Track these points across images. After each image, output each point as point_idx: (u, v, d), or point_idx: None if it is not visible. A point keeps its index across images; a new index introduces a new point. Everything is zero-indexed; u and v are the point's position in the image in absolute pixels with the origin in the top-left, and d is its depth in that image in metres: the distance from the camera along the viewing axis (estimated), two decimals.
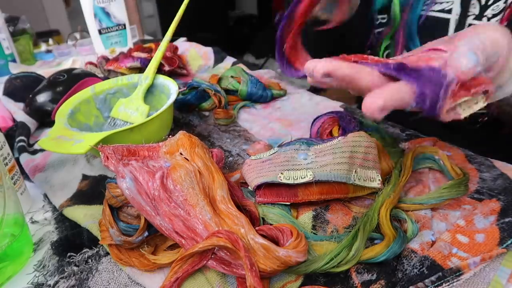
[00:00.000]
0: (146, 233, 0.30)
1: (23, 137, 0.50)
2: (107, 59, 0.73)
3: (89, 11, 0.84)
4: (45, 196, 0.41)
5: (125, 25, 0.90)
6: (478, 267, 0.26)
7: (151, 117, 0.41)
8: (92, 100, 0.50)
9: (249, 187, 0.35)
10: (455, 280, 0.25)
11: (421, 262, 0.27)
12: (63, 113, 0.45)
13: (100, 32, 0.87)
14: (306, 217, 0.33)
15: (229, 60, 0.79)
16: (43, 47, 1.11)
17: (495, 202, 0.32)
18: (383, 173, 0.34)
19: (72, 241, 0.34)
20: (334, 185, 0.33)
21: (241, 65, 0.69)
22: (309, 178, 0.32)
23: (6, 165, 0.37)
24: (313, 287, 0.27)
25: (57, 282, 0.30)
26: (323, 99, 0.59)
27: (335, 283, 0.28)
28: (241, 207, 0.33)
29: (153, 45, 0.73)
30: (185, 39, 0.96)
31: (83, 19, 0.85)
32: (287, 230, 0.28)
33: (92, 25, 0.85)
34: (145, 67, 0.64)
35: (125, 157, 0.32)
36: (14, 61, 0.87)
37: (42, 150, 0.49)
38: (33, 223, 0.38)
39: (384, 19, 0.54)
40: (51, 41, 1.15)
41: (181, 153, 0.33)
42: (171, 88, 0.49)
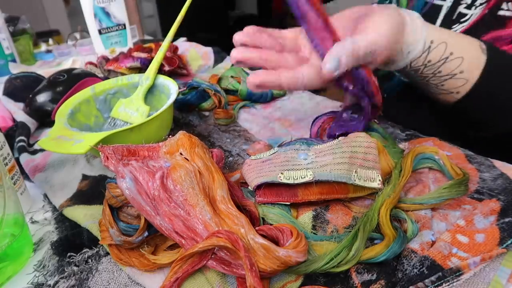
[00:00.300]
0: (146, 233, 0.30)
1: (23, 137, 0.50)
2: (107, 59, 0.73)
3: (89, 11, 0.84)
4: (45, 196, 0.41)
5: (125, 25, 0.90)
6: (478, 267, 0.26)
7: (151, 117, 0.41)
8: (92, 100, 0.50)
9: (249, 187, 0.35)
10: (455, 280, 0.25)
11: (421, 262, 0.27)
12: (63, 113, 0.45)
13: (100, 32, 0.87)
14: (306, 217, 0.33)
15: (229, 60, 0.79)
16: (43, 47, 1.11)
17: (495, 202, 0.32)
18: (383, 173, 0.34)
19: (72, 241, 0.34)
20: (334, 185, 0.33)
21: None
22: (309, 178, 0.32)
23: (6, 165, 0.37)
24: (313, 287, 0.27)
25: (57, 282, 0.30)
26: (323, 99, 0.59)
27: (335, 283, 0.28)
28: (241, 207, 0.32)
29: (153, 45, 0.73)
30: (185, 39, 0.96)
31: (83, 19, 0.85)
32: (287, 230, 0.28)
33: (92, 25, 0.85)
34: (145, 67, 0.64)
35: (125, 157, 0.32)
36: (14, 61, 0.87)
37: (42, 150, 0.49)
38: (33, 223, 0.38)
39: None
40: (51, 41, 1.15)
41: (181, 153, 0.33)
42: (171, 88, 0.49)
